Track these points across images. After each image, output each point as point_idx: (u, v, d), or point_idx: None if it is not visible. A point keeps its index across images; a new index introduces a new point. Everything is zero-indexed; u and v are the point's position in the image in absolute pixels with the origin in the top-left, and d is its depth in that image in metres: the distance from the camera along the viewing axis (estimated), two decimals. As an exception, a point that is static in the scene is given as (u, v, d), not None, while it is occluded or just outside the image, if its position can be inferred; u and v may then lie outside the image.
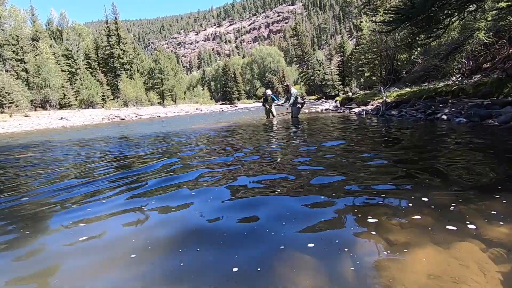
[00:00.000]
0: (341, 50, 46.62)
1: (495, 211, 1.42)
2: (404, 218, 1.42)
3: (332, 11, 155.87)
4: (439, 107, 6.42)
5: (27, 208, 2.03)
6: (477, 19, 8.30)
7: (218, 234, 1.41)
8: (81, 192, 2.30)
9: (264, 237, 1.34)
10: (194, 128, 8.58)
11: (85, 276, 1.15)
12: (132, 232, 1.53)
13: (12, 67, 31.77)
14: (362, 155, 3.00)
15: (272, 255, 1.19)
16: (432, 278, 0.97)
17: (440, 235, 1.24)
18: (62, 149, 5.77)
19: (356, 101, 12.62)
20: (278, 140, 4.76)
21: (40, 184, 2.73)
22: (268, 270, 1.09)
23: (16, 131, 15.81)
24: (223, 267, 1.12)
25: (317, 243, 1.25)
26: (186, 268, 1.14)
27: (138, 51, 55.12)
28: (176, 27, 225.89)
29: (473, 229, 1.27)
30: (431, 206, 1.53)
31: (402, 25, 7.27)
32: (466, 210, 1.46)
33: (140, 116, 26.74)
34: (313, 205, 1.69)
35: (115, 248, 1.36)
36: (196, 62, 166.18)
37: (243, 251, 1.24)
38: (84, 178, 2.83)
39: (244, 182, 2.26)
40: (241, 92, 75.47)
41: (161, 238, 1.42)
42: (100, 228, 1.60)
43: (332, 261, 1.12)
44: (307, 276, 1.05)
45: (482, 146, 3.04)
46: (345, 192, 1.85)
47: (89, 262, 1.25)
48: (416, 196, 1.68)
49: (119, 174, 2.89)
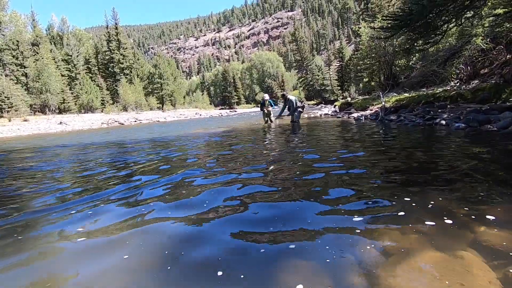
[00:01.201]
0: (340, 56, 46.96)
1: (494, 216, 1.40)
2: (403, 224, 1.41)
3: (331, 17, 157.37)
4: (437, 112, 6.44)
5: (21, 216, 2.01)
6: (474, 25, 8.38)
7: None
8: (78, 202, 2.28)
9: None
10: (193, 134, 8.57)
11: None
12: (130, 238, 1.51)
13: (12, 72, 31.84)
14: (360, 160, 2.99)
15: (277, 257, 1.17)
16: (430, 283, 0.96)
17: (439, 240, 1.22)
18: (60, 155, 5.75)
19: (355, 106, 12.67)
20: (282, 154, 4.74)
21: (34, 192, 2.71)
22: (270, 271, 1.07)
23: (14, 135, 15.77)
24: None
25: (317, 245, 1.24)
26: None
27: (138, 56, 55.43)
28: (176, 33, 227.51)
29: (471, 234, 1.26)
30: (429, 211, 1.52)
31: (400, 31, 7.32)
32: (465, 215, 1.44)
33: (139, 120, 26.74)
34: (312, 207, 1.68)
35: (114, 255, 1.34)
36: (196, 67, 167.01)
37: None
38: (80, 187, 2.80)
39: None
40: (240, 97, 75.73)
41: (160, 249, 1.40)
42: (97, 237, 1.58)
43: (332, 264, 1.10)
44: (308, 277, 1.03)
45: (481, 152, 3.04)
46: (344, 197, 1.84)
47: (91, 269, 1.23)
48: (415, 201, 1.67)
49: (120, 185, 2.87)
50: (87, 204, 2.10)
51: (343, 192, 1.95)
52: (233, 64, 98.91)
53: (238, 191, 2.16)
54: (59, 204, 2.16)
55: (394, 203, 1.68)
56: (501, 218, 1.40)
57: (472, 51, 8.42)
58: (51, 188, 2.70)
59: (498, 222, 1.35)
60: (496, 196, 1.69)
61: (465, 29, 8.93)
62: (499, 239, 1.21)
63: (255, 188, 2.20)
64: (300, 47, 55.91)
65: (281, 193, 2.03)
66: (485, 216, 1.43)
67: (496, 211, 1.48)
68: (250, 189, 2.17)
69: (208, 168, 3.10)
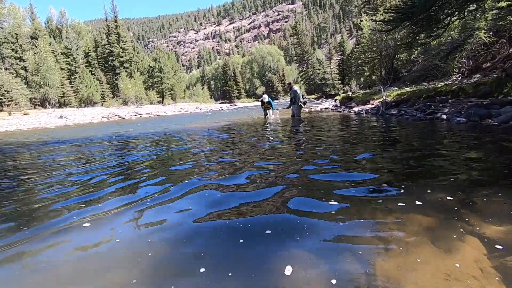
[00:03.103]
0: (341, 49, 46.59)
1: (495, 211, 1.42)
2: (404, 218, 1.42)
3: (332, 10, 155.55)
4: (439, 107, 6.43)
5: (24, 211, 2.03)
6: (477, 19, 8.30)
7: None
8: (80, 200, 2.30)
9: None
10: (194, 128, 8.57)
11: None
12: (134, 237, 1.53)
13: (11, 65, 31.66)
14: (361, 155, 2.99)
15: (274, 250, 1.19)
16: (431, 278, 0.98)
17: (440, 235, 1.24)
18: (60, 148, 5.77)
19: (356, 100, 12.62)
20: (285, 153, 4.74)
21: (36, 188, 2.73)
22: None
23: (15, 129, 15.77)
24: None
25: (318, 243, 1.25)
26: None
27: (137, 50, 54.96)
28: (176, 26, 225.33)
29: (471, 227, 1.27)
30: (431, 206, 1.53)
31: (402, 24, 7.26)
32: (466, 209, 1.46)
33: (139, 114, 26.68)
34: (311, 206, 1.69)
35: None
36: (196, 61, 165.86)
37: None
38: (84, 183, 2.82)
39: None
40: (240, 91, 75.35)
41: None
42: (98, 235, 1.60)
43: (333, 261, 1.12)
44: (307, 274, 1.05)
45: (482, 146, 3.04)
46: (344, 192, 1.85)
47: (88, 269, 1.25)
48: (416, 196, 1.68)
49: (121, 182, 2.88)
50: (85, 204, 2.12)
51: (342, 182, 1.96)
52: (233, 58, 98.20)
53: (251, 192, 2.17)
54: (64, 198, 2.18)
55: (391, 194, 1.70)
56: (500, 211, 1.41)
57: (475, 45, 8.35)
58: (63, 180, 2.72)
59: (497, 215, 1.37)
60: (495, 190, 1.71)
61: (468, 22, 8.84)
62: (498, 232, 1.23)
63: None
64: (301, 41, 55.41)
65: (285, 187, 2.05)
66: (484, 209, 1.44)
67: (496, 204, 1.49)
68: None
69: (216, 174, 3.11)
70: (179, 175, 2.61)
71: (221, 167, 2.86)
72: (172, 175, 2.64)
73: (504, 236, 1.18)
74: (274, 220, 1.51)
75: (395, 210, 1.51)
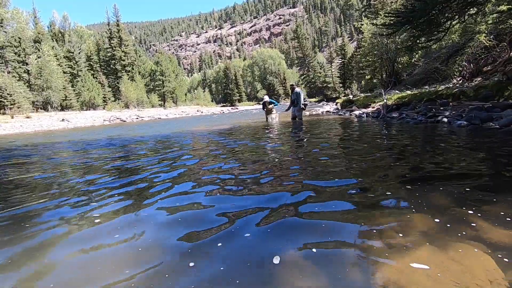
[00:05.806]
0: (342, 53, 46.66)
1: (497, 214, 1.41)
2: (405, 221, 1.42)
3: (333, 14, 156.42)
4: (440, 110, 6.43)
5: (25, 216, 2.04)
6: (477, 22, 8.33)
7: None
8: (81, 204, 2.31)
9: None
10: (195, 131, 8.59)
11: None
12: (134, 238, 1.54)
13: (14, 69, 31.93)
14: (363, 157, 2.99)
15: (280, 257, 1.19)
16: (433, 281, 0.97)
17: (441, 238, 1.24)
18: (65, 150, 5.79)
19: (357, 103, 12.64)
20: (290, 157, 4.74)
21: (38, 191, 2.74)
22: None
23: (17, 132, 15.85)
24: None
25: (318, 245, 1.25)
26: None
27: (139, 53, 55.40)
28: (178, 30, 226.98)
29: (475, 231, 1.27)
30: (432, 208, 1.53)
31: (403, 28, 7.30)
32: (468, 212, 1.46)
33: (141, 118, 26.77)
34: (310, 205, 1.69)
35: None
36: (197, 64, 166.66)
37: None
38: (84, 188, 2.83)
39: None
40: (242, 94, 75.56)
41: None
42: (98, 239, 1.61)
43: (332, 263, 1.12)
44: (308, 277, 1.05)
45: (483, 149, 3.04)
46: (346, 195, 1.86)
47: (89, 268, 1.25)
48: (417, 198, 1.68)
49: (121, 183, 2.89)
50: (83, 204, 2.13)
51: (342, 184, 1.96)
52: (234, 61, 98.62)
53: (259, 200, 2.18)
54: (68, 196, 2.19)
55: (395, 197, 1.70)
56: (502, 214, 1.41)
57: (475, 48, 8.37)
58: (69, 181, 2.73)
59: (502, 219, 1.36)
60: (497, 192, 1.70)
61: (468, 26, 8.88)
62: (504, 236, 1.22)
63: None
64: (302, 44, 55.63)
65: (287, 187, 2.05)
66: (487, 212, 1.44)
67: (498, 207, 1.49)
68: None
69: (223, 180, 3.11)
70: (186, 174, 2.62)
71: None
72: (178, 178, 2.65)
73: (509, 240, 1.18)
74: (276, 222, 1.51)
75: (396, 214, 1.51)
